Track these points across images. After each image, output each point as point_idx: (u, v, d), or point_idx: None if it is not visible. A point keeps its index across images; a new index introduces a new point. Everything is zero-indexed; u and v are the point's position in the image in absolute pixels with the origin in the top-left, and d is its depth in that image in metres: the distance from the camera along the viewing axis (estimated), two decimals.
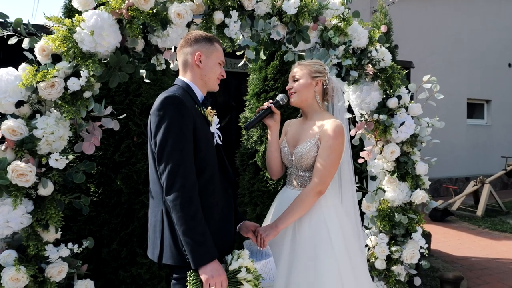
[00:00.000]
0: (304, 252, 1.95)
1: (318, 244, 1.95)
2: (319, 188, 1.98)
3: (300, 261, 1.94)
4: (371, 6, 8.66)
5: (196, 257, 1.53)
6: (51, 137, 1.93)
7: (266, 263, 1.80)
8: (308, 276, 1.90)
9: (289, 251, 1.97)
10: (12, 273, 1.84)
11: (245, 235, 1.92)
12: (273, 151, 2.19)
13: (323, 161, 1.98)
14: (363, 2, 8.63)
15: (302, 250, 1.95)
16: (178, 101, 1.59)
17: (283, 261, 1.95)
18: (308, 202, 1.97)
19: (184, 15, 2.08)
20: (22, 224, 1.93)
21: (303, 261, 1.93)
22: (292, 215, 1.95)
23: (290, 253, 1.97)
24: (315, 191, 1.98)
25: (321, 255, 1.93)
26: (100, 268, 2.70)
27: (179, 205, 1.51)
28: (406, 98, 2.83)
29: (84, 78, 1.92)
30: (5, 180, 1.81)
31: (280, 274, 1.92)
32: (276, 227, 1.92)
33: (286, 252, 1.97)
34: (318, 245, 1.95)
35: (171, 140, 1.55)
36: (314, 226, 1.99)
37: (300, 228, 2.00)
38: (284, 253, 1.97)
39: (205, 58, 1.76)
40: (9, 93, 1.88)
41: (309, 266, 1.92)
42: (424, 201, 2.82)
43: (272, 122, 2.17)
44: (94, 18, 1.92)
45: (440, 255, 5.05)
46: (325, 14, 2.47)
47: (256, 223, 1.96)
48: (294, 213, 1.95)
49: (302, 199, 1.97)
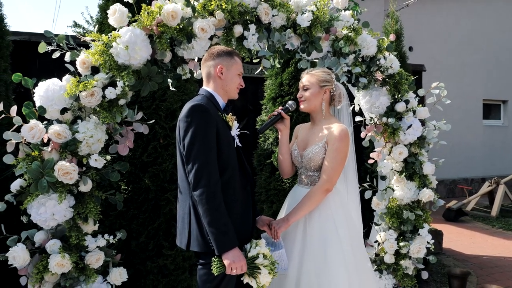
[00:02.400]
0: (314, 242, 2.16)
1: (327, 235, 2.16)
2: (326, 186, 2.19)
3: (310, 250, 2.15)
4: (385, 9, 8.78)
5: (220, 244, 1.75)
6: (90, 140, 2.18)
7: (279, 254, 2.03)
8: (318, 263, 2.11)
9: (301, 242, 2.18)
10: (58, 259, 2.08)
11: (261, 228, 2.15)
12: (283, 153, 2.40)
13: (330, 161, 2.19)
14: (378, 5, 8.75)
15: (312, 241, 2.16)
16: (203, 109, 1.82)
17: (296, 250, 2.17)
18: (316, 199, 2.18)
19: (207, 29, 2.31)
20: (66, 216, 2.18)
21: (313, 250, 2.14)
22: (302, 210, 2.16)
23: (302, 244, 2.18)
24: (323, 188, 2.19)
25: (328, 245, 2.14)
26: (130, 259, 2.95)
27: (205, 199, 1.74)
28: (413, 102, 3.00)
29: (120, 87, 2.16)
30: (53, 177, 2.06)
31: (293, 262, 2.13)
32: (288, 220, 2.14)
33: (299, 243, 2.18)
34: (326, 237, 2.16)
35: (198, 143, 1.78)
36: (323, 220, 2.20)
37: (310, 221, 2.21)
38: (296, 243, 2.19)
39: (226, 71, 1.98)
40: (55, 101, 2.14)
41: (319, 255, 2.13)
42: (431, 199, 2.98)
43: (283, 127, 2.39)
44: (128, 34, 2.16)
45: (452, 253, 5.17)
46: (336, 25, 2.67)
47: (271, 217, 2.18)
48: (304, 208, 2.17)
49: (311, 196, 2.19)
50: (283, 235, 2.17)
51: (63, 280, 2.17)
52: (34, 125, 2.09)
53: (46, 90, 2.14)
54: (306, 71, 2.46)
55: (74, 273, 2.22)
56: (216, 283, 1.83)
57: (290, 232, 2.20)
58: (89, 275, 2.23)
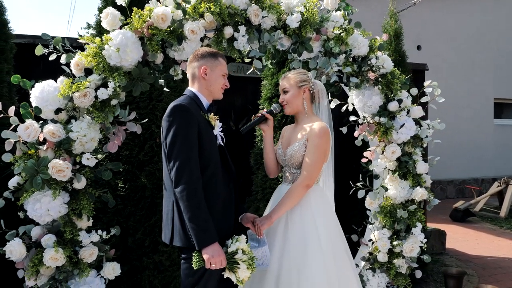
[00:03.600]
0: (295, 239, 2.20)
1: (307, 233, 2.21)
2: (306, 182, 2.24)
3: (291, 247, 2.19)
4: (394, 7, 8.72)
5: (199, 240, 1.81)
6: (84, 139, 2.26)
7: (263, 250, 2.08)
8: (298, 260, 2.16)
9: (282, 238, 2.23)
10: (52, 253, 2.17)
11: (245, 225, 2.21)
12: (267, 152, 2.47)
13: (310, 158, 2.24)
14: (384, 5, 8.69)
15: (293, 238, 2.21)
16: (184, 109, 1.89)
17: (277, 246, 2.22)
18: (297, 195, 2.22)
19: (197, 31, 2.37)
20: (60, 212, 2.27)
21: (294, 247, 2.19)
22: (284, 207, 2.21)
23: (283, 240, 2.22)
24: (303, 184, 2.23)
25: (308, 242, 2.19)
26: (126, 255, 3.04)
27: (186, 196, 1.80)
28: (406, 101, 3.01)
29: (111, 88, 2.24)
30: (47, 175, 2.15)
31: (274, 257, 2.18)
32: (270, 218, 2.20)
33: (280, 239, 2.23)
34: (306, 234, 2.20)
35: (179, 142, 1.84)
36: (303, 218, 2.24)
37: (291, 218, 2.26)
38: (277, 239, 2.23)
39: (210, 71, 2.05)
40: (50, 102, 2.23)
41: (299, 252, 2.17)
42: (424, 198, 2.99)
43: (266, 127, 2.45)
44: (119, 37, 2.24)
45: (455, 254, 5.14)
46: (326, 26, 2.70)
47: (255, 215, 2.24)
48: (286, 204, 2.21)
49: (292, 192, 2.23)
50: (267, 231, 2.22)
51: (57, 273, 2.26)
52: (30, 124, 2.18)
53: (41, 91, 2.23)
54: (283, 76, 2.52)
55: (68, 267, 2.31)
56: (197, 277, 1.89)
57: (272, 229, 2.26)
58: (82, 269, 2.31)
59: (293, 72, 2.51)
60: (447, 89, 9.27)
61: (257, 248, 2.09)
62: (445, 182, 9.22)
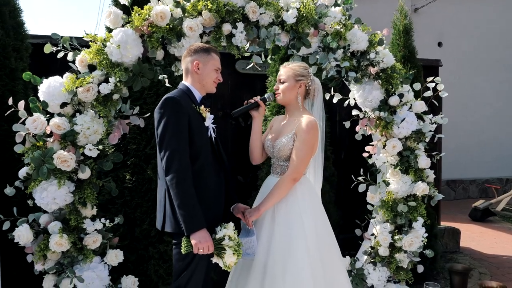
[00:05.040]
0: (281, 231, 2.25)
1: (293, 226, 2.25)
2: (294, 176, 2.28)
3: (277, 238, 2.24)
4: (413, 4, 8.61)
5: (188, 225, 1.90)
6: (87, 131, 2.39)
7: (250, 240, 2.16)
8: (284, 251, 2.21)
9: (268, 231, 2.28)
10: (57, 239, 2.31)
11: (236, 215, 2.29)
12: (254, 139, 2.51)
13: (298, 152, 2.28)
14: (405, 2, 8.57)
15: (279, 230, 2.26)
16: (175, 101, 1.98)
17: (263, 239, 2.27)
18: (284, 188, 2.27)
19: (195, 28, 2.46)
20: (66, 201, 2.40)
21: (280, 238, 2.24)
22: (272, 199, 2.27)
23: (270, 233, 2.28)
24: (290, 178, 2.28)
25: (294, 235, 2.23)
26: (134, 245, 3.16)
27: (175, 184, 1.90)
28: (408, 96, 3.01)
29: (112, 83, 2.36)
30: (52, 165, 2.29)
31: (261, 247, 2.24)
32: (259, 209, 2.26)
33: (266, 232, 2.28)
34: (292, 227, 2.25)
35: (169, 132, 1.93)
36: (289, 210, 2.29)
37: (278, 211, 2.31)
38: (264, 232, 2.29)
39: (202, 66, 2.13)
40: (56, 96, 2.37)
41: (285, 243, 2.22)
42: (425, 193, 2.98)
43: (256, 114, 2.50)
44: (120, 34, 2.36)
45: (469, 253, 5.05)
46: (325, 22, 2.74)
47: (246, 206, 2.31)
48: (274, 197, 2.27)
49: (279, 185, 2.28)
50: (255, 223, 2.29)
51: (62, 258, 2.39)
52: (37, 117, 2.32)
53: (48, 86, 2.38)
54: (284, 64, 2.54)
55: (73, 252, 2.44)
56: (187, 261, 1.98)
57: (259, 221, 2.32)
58: (86, 254, 2.44)
59: (295, 64, 2.53)
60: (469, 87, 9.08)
61: (245, 238, 2.16)
62: (467, 182, 9.00)
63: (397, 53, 4.12)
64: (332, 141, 4.41)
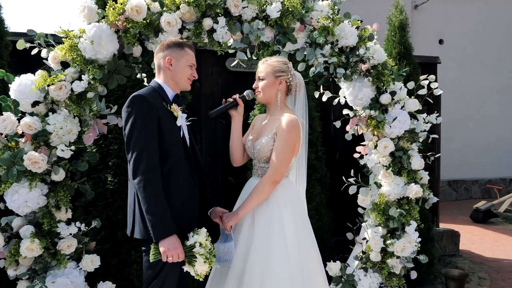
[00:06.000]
0: (260, 236, 2.12)
1: (272, 231, 2.12)
2: (274, 178, 2.15)
3: (256, 243, 2.11)
4: (413, 0, 8.45)
5: (156, 232, 1.79)
6: (60, 131, 2.28)
7: (229, 246, 2.03)
8: (262, 257, 2.08)
9: (247, 237, 2.15)
10: (27, 244, 2.21)
11: (213, 219, 2.16)
12: (233, 139, 2.39)
13: (278, 153, 2.15)
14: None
15: (258, 234, 2.13)
16: (142, 99, 1.86)
17: (242, 245, 2.14)
18: (264, 191, 2.14)
19: (174, 23, 2.35)
20: (39, 204, 2.30)
21: (259, 243, 2.11)
22: (251, 203, 2.14)
23: (249, 237, 2.15)
24: (270, 180, 2.15)
25: (274, 241, 2.10)
26: (116, 248, 3.06)
27: (142, 187, 1.78)
28: (401, 94, 2.87)
29: (85, 81, 2.25)
30: (22, 166, 2.18)
31: (239, 253, 2.11)
32: (237, 214, 2.13)
33: (245, 237, 2.15)
34: (272, 232, 2.11)
35: (136, 132, 1.82)
36: (269, 215, 2.15)
37: (258, 215, 2.18)
38: (242, 237, 2.16)
39: (175, 62, 2.01)
40: (27, 95, 2.26)
41: (264, 249, 2.09)
42: (418, 195, 2.84)
43: (235, 113, 2.38)
44: (93, 29, 2.25)
45: (469, 256, 4.90)
46: (312, 16, 2.62)
47: (225, 210, 2.19)
48: (253, 201, 2.14)
49: (259, 187, 2.15)
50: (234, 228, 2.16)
51: (34, 263, 2.29)
52: (6, 117, 2.22)
53: (19, 84, 2.27)
54: (263, 60, 2.42)
55: (47, 257, 2.34)
56: (157, 270, 1.86)
57: (238, 225, 2.19)
58: (60, 260, 2.33)
59: (274, 59, 2.41)
60: (472, 86, 8.91)
61: (223, 244, 2.04)
62: (470, 182, 8.83)
63: (392, 50, 3.99)
64: (326, 141, 4.28)
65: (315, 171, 3.68)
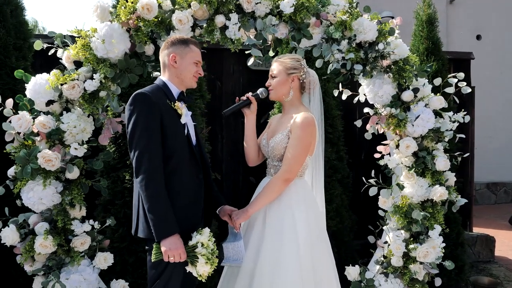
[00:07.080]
0: (271, 235, 2.06)
1: (284, 230, 2.05)
2: (286, 176, 2.09)
3: (267, 243, 2.06)
4: None
5: (158, 231, 1.76)
6: (74, 130, 2.32)
7: (238, 245, 1.98)
8: (273, 257, 2.02)
9: (258, 236, 2.10)
10: (41, 240, 2.25)
11: (222, 218, 2.12)
12: (247, 138, 2.35)
13: (291, 150, 2.10)
14: None
15: (270, 233, 2.07)
16: (145, 97, 1.84)
17: (253, 244, 2.09)
18: (276, 189, 2.09)
19: (185, 21, 2.33)
20: (53, 201, 2.34)
21: (270, 243, 2.05)
22: (261, 201, 2.09)
23: (260, 238, 2.09)
24: (282, 178, 2.09)
25: (285, 240, 2.03)
26: (133, 247, 3.07)
27: (144, 186, 1.76)
28: (424, 90, 2.73)
29: (97, 80, 2.27)
30: (36, 164, 2.23)
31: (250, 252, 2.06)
32: (247, 211, 2.08)
33: (256, 237, 2.10)
34: (283, 231, 2.05)
35: (138, 131, 1.80)
36: (281, 214, 2.09)
37: (269, 213, 2.12)
38: (253, 237, 2.11)
39: (180, 59, 1.98)
40: (41, 94, 2.31)
41: (275, 249, 2.03)
42: (443, 198, 2.69)
43: (249, 112, 2.34)
44: (105, 28, 2.26)
45: (505, 263, 4.61)
46: (327, 10, 2.52)
47: (233, 208, 2.14)
48: (263, 198, 2.09)
49: (270, 185, 2.10)
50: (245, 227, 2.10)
51: (48, 260, 2.33)
52: (21, 116, 2.27)
53: (34, 84, 2.32)
54: (275, 58, 2.37)
55: (61, 254, 2.38)
56: (161, 269, 1.84)
57: (250, 225, 2.15)
58: (74, 257, 2.36)
59: (286, 56, 2.37)
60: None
61: (232, 243, 1.99)
62: (510, 184, 8.36)
63: (419, 45, 3.82)
64: (350, 141, 4.15)
65: (336, 172, 3.57)
